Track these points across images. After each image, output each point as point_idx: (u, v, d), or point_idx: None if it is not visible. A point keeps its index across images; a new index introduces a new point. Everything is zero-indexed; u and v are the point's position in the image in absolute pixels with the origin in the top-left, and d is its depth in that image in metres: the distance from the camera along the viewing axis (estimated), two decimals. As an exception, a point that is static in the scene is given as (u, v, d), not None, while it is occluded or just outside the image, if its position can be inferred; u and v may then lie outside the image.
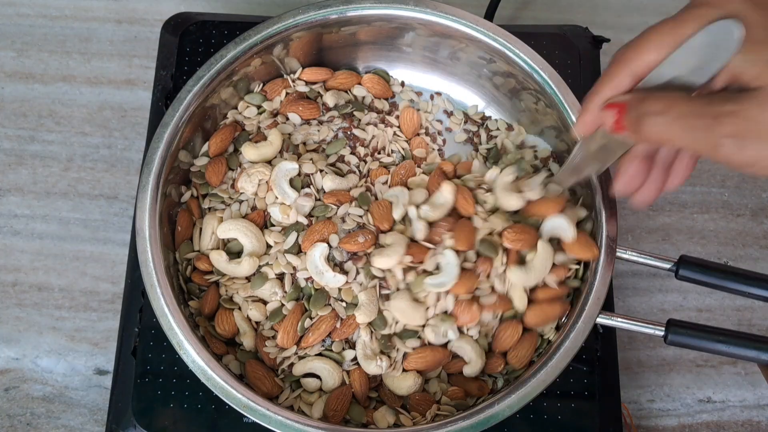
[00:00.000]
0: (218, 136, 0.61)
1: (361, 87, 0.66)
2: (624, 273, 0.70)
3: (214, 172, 0.60)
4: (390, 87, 0.66)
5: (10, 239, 0.70)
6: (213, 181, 0.60)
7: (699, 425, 0.66)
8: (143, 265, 0.54)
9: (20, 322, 0.67)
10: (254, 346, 0.57)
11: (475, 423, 0.51)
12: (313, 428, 0.51)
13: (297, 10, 0.60)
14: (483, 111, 0.66)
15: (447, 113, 0.66)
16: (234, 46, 0.59)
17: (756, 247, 0.71)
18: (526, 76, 0.60)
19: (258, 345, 0.57)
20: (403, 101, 0.66)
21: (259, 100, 0.63)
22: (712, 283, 0.53)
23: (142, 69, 0.76)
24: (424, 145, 0.64)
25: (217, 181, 0.60)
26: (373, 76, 0.66)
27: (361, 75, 0.66)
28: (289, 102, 0.63)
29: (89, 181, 0.72)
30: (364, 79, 0.66)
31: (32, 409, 0.65)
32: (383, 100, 0.66)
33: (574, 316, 0.53)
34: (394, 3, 0.60)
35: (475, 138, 0.65)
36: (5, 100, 0.75)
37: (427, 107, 0.66)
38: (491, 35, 0.60)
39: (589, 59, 0.69)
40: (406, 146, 0.64)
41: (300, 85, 0.64)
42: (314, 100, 0.64)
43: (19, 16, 0.79)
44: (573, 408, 0.58)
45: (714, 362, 0.68)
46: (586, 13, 0.80)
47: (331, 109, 0.64)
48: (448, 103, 0.66)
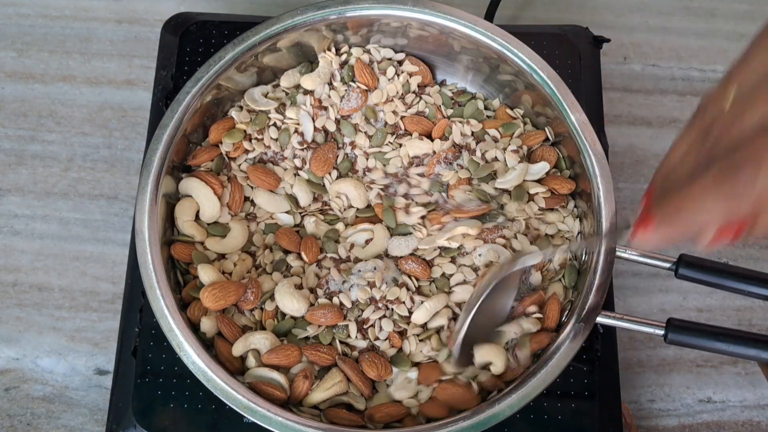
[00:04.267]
0: (220, 125, 0.62)
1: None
2: (624, 273, 0.70)
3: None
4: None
5: (10, 239, 0.70)
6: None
7: (699, 425, 0.66)
8: (143, 266, 0.54)
9: (20, 322, 0.67)
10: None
11: (475, 423, 0.51)
12: (313, 428, 0.51)
13: (297, 11, 0.60)
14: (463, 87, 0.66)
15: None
16: (233, 47, 0.59)
17: (756, 247, 0.71)
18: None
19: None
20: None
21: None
22: (711, 282, 0.54)
23: (143, 69, 0.76)
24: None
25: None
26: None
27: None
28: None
29: (89, 181, 0.72)
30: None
31: (32, 409, 0.65)
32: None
33: (573, 316, 0.53)
34: (393, 3, 0.60)
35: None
36: (5, 100, 0.75)
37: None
38: (490, 35, 0.60)
39: (589, 59, 0.69)
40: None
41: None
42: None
43: (19, 16, 0.79)
44: (573, 408, 0.58)
45: (714, 362, 0.68)
46: (586, 13, 0.80)
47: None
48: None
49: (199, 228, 0.59)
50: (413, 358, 0.56)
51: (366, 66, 0.63)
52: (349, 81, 0.63)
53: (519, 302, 0.56)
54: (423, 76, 0.65)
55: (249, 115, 0.62)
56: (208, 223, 0.60)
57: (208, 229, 0.59)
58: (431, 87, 0.65)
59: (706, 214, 0.34)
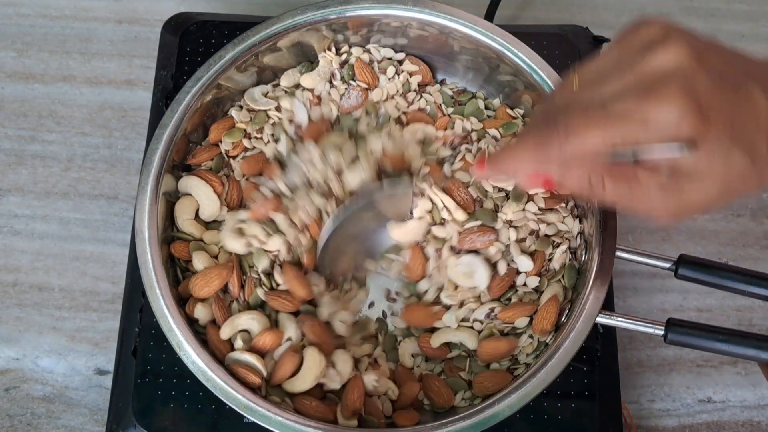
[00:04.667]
0: (220, 124, 0.62)
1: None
2: (624, 273, 0.70)
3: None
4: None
5: (10, 239, 0.70)
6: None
7: (699, 425, 0.66)
8: (143, 265, 0.54)
9: (20, 322, 0.67)
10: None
11: (475, 423, 0.51)
12: (313, 428, 0.51)
13: (297, 10, 0.60)
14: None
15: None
16: (233, 47, 0.59)
17: (756, 247, 0.71)
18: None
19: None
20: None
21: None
22: (711, 282, 0.53)
23: (143, 69, 0.76)
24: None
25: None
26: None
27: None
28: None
29: (89, 181, 0.72)
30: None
31: (32, 409, 0.65)
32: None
33: (573, 316, 0.53)
34: (393, 3, 0.60)
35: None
36: (5, 100, 0.75)
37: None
38: (490, 35, 0.60)
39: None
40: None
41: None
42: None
43: (19, 16, 0.79)
44: (573, 408, 0.58)
45: (714, 362, 0.68)
46: (586, 13, 0.80)
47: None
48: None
49: (198, 226, 0.59)
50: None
51: (366, 65, 0.63)
52: (349, 80, 0.63)
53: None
54: (423, 75, 0.65)
55: (249, 115, 0.63)
56: (207, 221, 0.60)
57: (207, 227, 0.60)
58: (431, 86, 0.65)
59: (519, 163, 0.42)
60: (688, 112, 0.36)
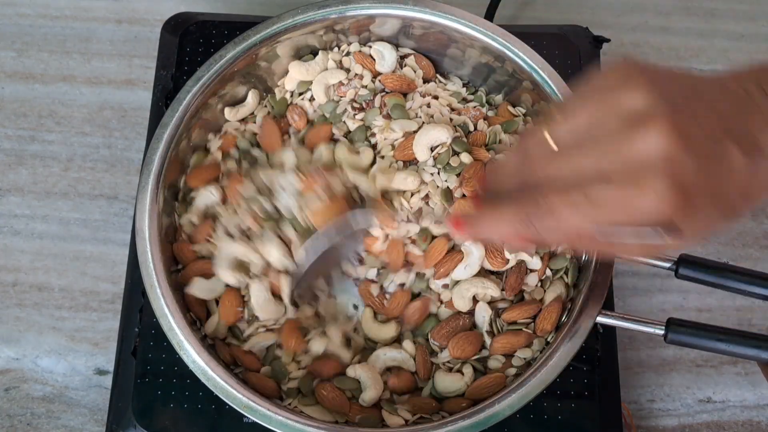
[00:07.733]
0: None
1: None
2: (624, 273, 0.70)
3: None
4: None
5: (10, 239, 0.70)
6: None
7: (699, 425, 0.66)
8: (143, 265, 0.54)
9: (20, 322, 0.67)
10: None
11: (475, 423, 0.51)
12: (313, 428, 0.51)
13: (297, 10, 0.60)
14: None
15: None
16: (233, 46, 0.59)
17: (756, 247, 0.71)
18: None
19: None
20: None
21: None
22: (711, 281, 0.53)
23: (142, 69, 0.76)
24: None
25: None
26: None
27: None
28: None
29: (89, 181, 0.72)
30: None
31: (32, 409, 0.65)
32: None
33: (573, 316, 0.53)
34: (393, 3, 0.60)
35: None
36: (5, 100, 0.75)
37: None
38: (491, 35, 0.60)
39: (589, 59, 0.69)
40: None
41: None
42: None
43: (19, 16, 0.79)
44: (573, 408, 0.58)
45: (714, 362, 0.68)
46: (586, 13, 0.80)
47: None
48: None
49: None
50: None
51: (366, 56, 0.63)
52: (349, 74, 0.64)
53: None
54: (426, 71, 0.65)
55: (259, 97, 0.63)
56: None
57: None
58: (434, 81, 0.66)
59: (498, 231, 0.42)
60: (674, 202, 0.35)
